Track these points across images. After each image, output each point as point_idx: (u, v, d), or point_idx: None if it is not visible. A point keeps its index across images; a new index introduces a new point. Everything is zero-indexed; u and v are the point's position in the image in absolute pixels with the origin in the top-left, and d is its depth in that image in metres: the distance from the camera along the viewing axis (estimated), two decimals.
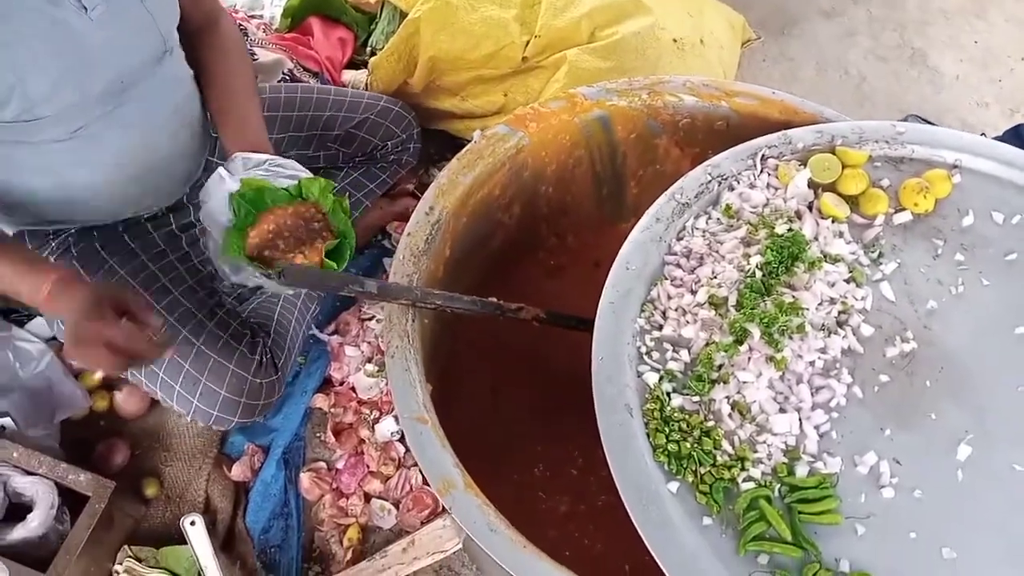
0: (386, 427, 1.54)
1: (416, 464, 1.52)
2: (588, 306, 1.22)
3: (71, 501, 1.35)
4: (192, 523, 1.34)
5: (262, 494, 1.47)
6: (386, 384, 1.57)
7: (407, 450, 1.54)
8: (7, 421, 1.40)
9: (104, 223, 1.40)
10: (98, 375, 1.56)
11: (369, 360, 1.60)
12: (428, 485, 1.51)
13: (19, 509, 1.32)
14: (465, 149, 1.18)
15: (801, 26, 2.40)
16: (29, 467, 1.34)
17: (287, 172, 1.18)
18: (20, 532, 1.29)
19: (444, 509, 1.49)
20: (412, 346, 0.98)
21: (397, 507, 1.51)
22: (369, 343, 1.62)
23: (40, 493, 1.31)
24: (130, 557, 1.37)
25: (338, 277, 0.97)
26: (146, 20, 1.21)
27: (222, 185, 1.15)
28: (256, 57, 1.82)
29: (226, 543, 1.43)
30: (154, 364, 1.35)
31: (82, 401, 1.52)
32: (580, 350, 1.29)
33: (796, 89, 1.26)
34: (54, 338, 1.55)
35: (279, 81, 1.81)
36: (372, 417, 1.56)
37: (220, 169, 1.17)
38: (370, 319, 1.66)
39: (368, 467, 1.53)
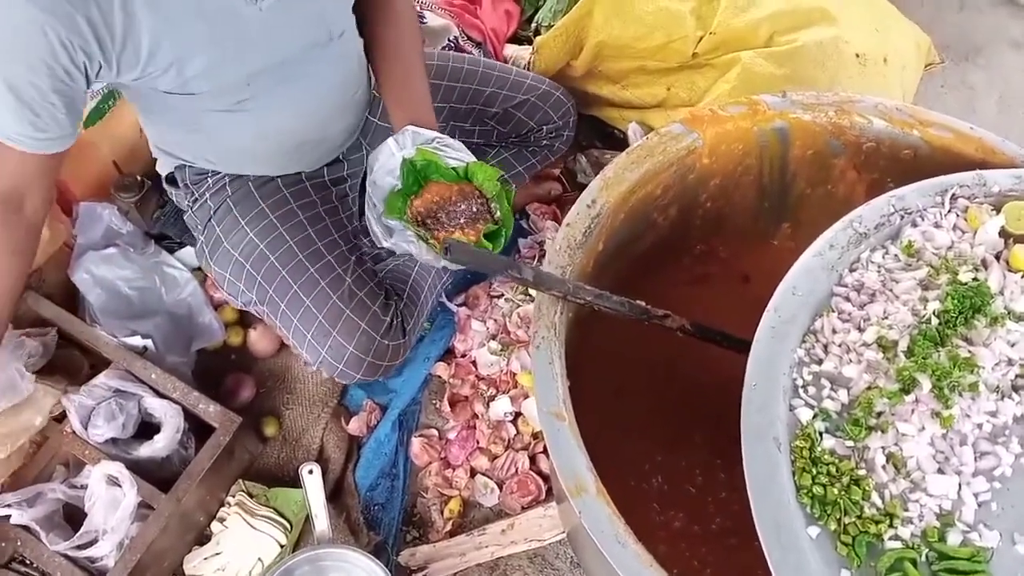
0: (500, 407, 1.54)
1: (524, 448, 1.52)
2: (730, 320, 1.18)
3: (196, 428, 1.41)
4: (310, 471, 1.37)
5: (374, 451, 1.49)
6: (506, 364, 1.56)
7: (517, 432, 1.54)
8: (149, 343, 1.47)
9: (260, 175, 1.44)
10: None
11: (493, 337, 1.60)
12: (535, 471, 1.50)
13: (148, 428, 1.39)
14: (635, 144, 1.15)
15: (987, 55, 2.25)
16: (164, 390, 1.40)
17: (453, 153, 1.19)
18: (146, 450, 1.35)
19: (547, 498, 1.49)
20: (558, 339, 0.97)
21: (500, 487, 1.51)
22: (495, 320, 1.61)
23: (169, 416, 1.37)
24: (243, 491, 1.42)
25: (499, 260, 0.96)
26: (315, 13, 1.20)
27: (390, 156, 1.17)
28: (425, 20, 1.83)
29: (333, 493, 1.46)
30: (290, 312, 1.38)
31: (218, 333, 1.57)
32: (717, 366, 1.25)
33: (974, 121, 1.17)
34: (199, 268, 1.61)
35: (443, 48, 1.81)
36: (488, 394, 1.56)
37: (390, 140, 1.19)
38: (499, 296, 1.65)
39: (478, 443, 1.53)
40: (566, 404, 0.93)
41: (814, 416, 0.91)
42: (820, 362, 0.95)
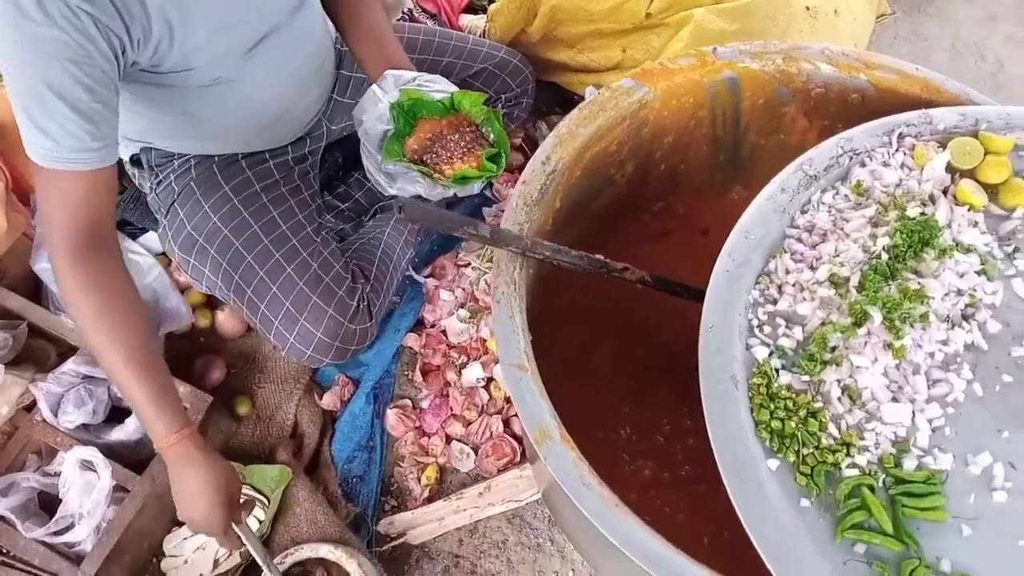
0: (472, 373, 1.55)
1: (498, 412, 1.54)
2: (692, 274, 1.20)
3: None
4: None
5: (350, 424, 1.50)
6: (476, 331, 1.58)
7: (490, 398, 1.55)
8: None
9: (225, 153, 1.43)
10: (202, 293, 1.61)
11: (462, 306, 1.61)
12: (509, 434, 1.52)
13: (119, 413, 1.39)
14: (588, 100, 1.16)
15: (938, 5, 2.27)
16: None
17: (437, 86, 1.20)
18: (118, 434, 1.35)
19: (522, 460, 1.50)
20: (518, 294, 0.98)
21: (476, 452, 1.52)
22: (464, 289, 1.62)
23: None
24: None
25: (455, 218, 0.97)
26: None
27: (376, 102, 1.18)
28: None
29: (310, 467, 1.47)
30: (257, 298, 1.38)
31: (186, 317, 1.57)
32: (679, 318, 1.27)
33: None
34: (163, 253, 1.60)
35: (398, 20, 1.80)
36: (460, 362, 1.57)
37: (373, 87, 1.20)
38: (466, 265, 1.66)
39: (452, 410, 1.55)
40: (528, 355, 0.94)
41: (770, 354, 0.93)
42: (775, 302, 0.97)
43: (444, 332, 1.60)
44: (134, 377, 1.05)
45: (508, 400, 1.55)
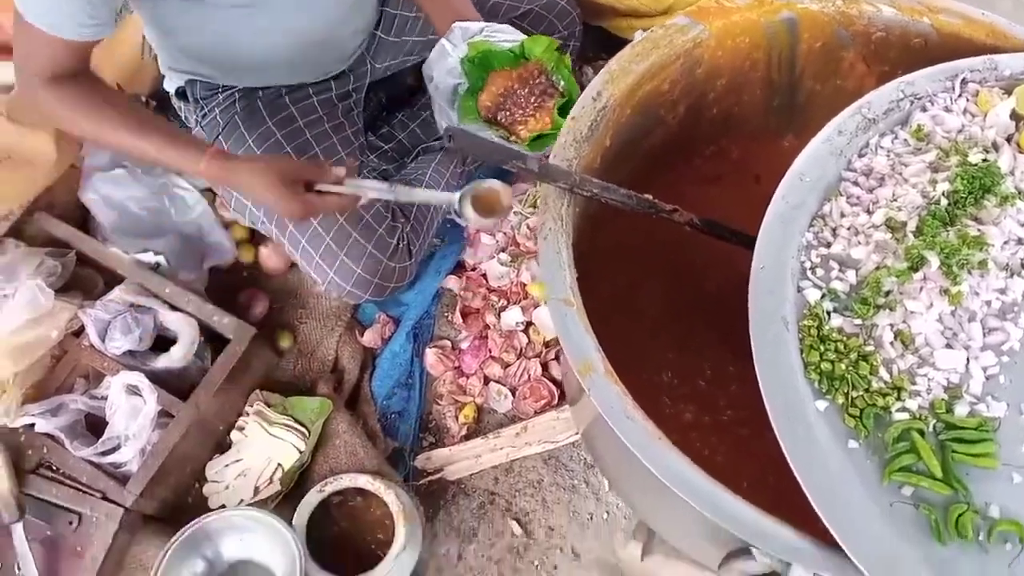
0: (512, 317, 1.55)
1: (536, 356, 1.54)
2: (742, 220, 1.18)
3: (212, 341, 1.43)
4: None
5: (390, 362, 1.52)
6: (516, 275, 1.57)
7: (528, 341, 1.56)
8: (161, 260, 1.48)
9: (269, 86, 1.43)
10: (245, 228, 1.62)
11: (503, 250, 1.60)
12: (547, 377, 1.52)
13: (165, 341, 1.41)
14: (642, 37, 1.13)
15: None
16: (178, 304, 1.41)
17: (505, 35, 1.20)
18: (164, 361, 1.37)
19: (559, 403, 1.51)
20: (564, 230, 0.97)
21: (514, 394, 1.53)
22: (505, 233, 1.62)
23: (184, 328, 1.39)
24: (260, 401, 1.45)
25: (503, 149, 0.96)
26: None
27: (446, 57, 1.17)
28: None
29: (350, 402, 1.49)
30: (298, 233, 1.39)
31: (229, 251, 1.58)
32: (726, 263, 1.26)
33: None
34: (208, 188, 1.62)
35: None
36: (499, 305, 1.57)
37: (442, 41, 1.19)
38: None
39: (491, 352, 1.55)
40: (573, 290, 0.93)
41: (822, 296, 0.92)
42: (828, 245, 0.95)
43: (484, 275, 1.60)
44: (143, 134, 1.13)
45: (547, 344, 1.56)
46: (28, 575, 1.26)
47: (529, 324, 1.56)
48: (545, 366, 1.54)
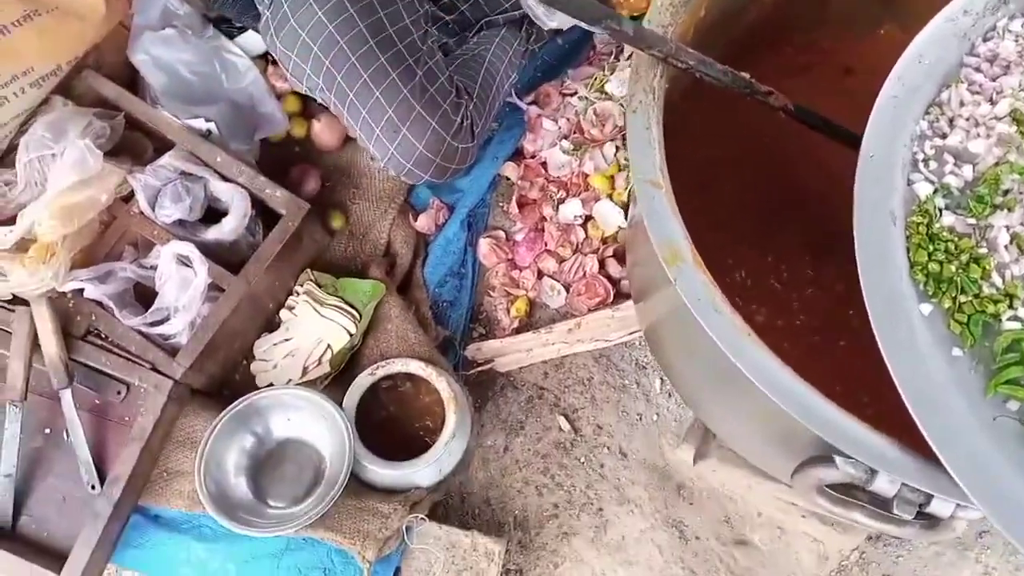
0: (570, 210, 1.49)
1: (593, 252, 1.48)
2: (830, 114, 1.09)
3: (264, 215, 1.38)
4: None
5: (443, 249, 1.47)
6: (578, 165, 1.50)
7: (586, 236, 1.49)
8: (212, 127, 1.42)
9: None
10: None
11: (565, 137, 1.52)
12: (603, 275, 1.46)
13: (215, 212, 1.37)
14: None
15: None
16: (229, 174, 1.36)
17: None
18: (214, 233, 1.33)
19: (615, 301, 1.46)
20: (656, 104, 0.89)
21: (567, 290, 1.48)
22: (568, 119, 1.54)
23: (236, 200, 1.34)
24: (311, 280, 1.41)
25: (597, 8, 0.87)
26: None
27: None
28: None
29: (403, 287, 1.45)
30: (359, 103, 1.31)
31: (281, 123, 1.52)
32: (812, 160, 1.17)
33: None
34: (260, 56, 1.54)
35: None
36: (558, 197, 1.50)
37: None
38: (572, 94, 1.56)
39: (546, 245, 1.49)
40: (663, 172, 0.86)
41: (934, 191, 0.84)
42: (944, 136, 0.87)
43: (544, 164, 1.53)
44: None
45: (605, 240, 1.49)
46: (77, 442, 1.26)
47: (588, 218, 1.49)
48: (602, 263, 1.48)
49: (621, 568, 1.36)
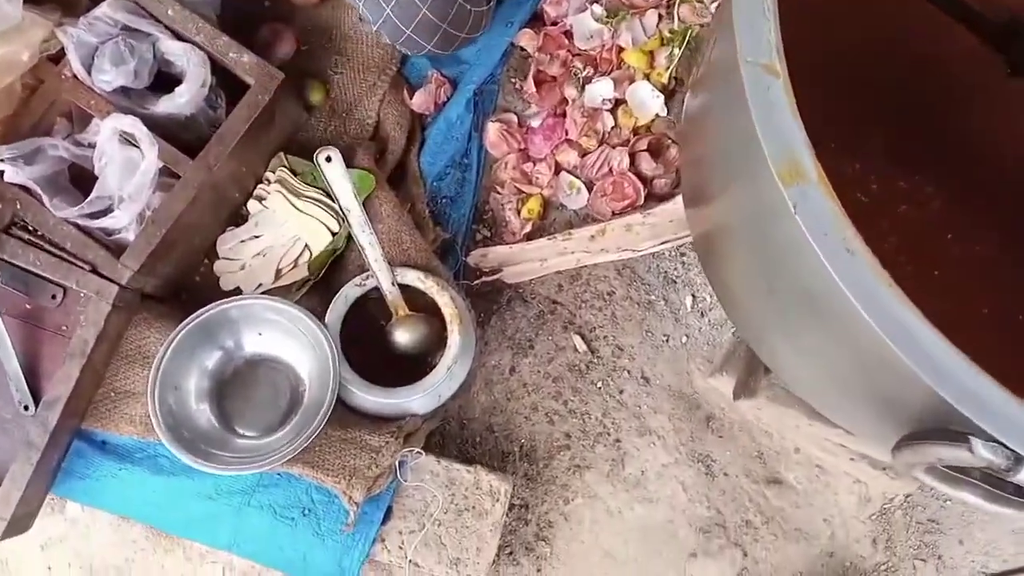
0: (599, 91, 1.25)
1: (623, 144, 1.25)
2: None
3: (227, 86, 1.13)
4: (328, 158, 1.11)
5: (444, 134, 1.23)
6: (612, 36, 1.24)
7: (615, 125, 1.26)
8: None
9: None
10: None
11: (597, 1, 1.26)
12: (633, 172, 1.24)
13: (166, 80, 1.10)
14: None
15: None
16: (183, 32, 1.09)
17: None
18: (166, 105, 1.07)
19: (645, 204, 1.25)
20: None
21: (589, 189, 1.26)
22: None
23: (192, 64, 1.07)
24: (284, 167, 1.18)
25: None
26: None
27: None
28: None
29: (395, 178, 1.21)
30: None
31: None
32: (936, 51, 0.95)
33: None
34: None
35: None
36: (584, 74, 1.26)
37: None
38: None
39: (567, 133, 1.26)
40: (780, 54, 0.64)
41: None
42: None
43: (568, 33, 1.27)
44: None
45: (636, 131, 1.27)
46: (4, 354, 1.05)
47: (619, 103, 1.26)
48: (633, 158, 1.25)
49: (639, 506, 1.21)
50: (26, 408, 1.06)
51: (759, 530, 1.20)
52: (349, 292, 1.09)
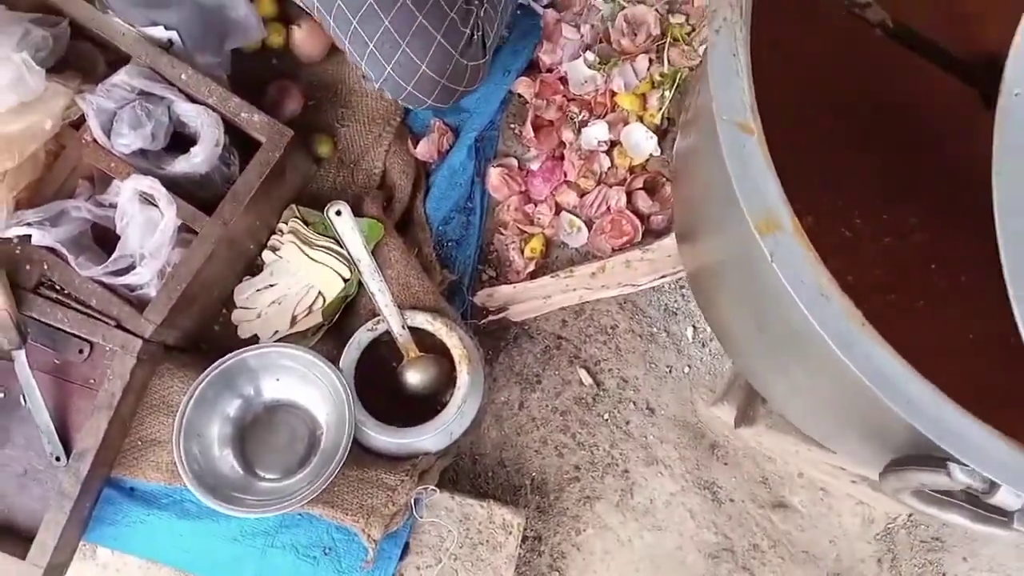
0: (594, 134, 1.30)
1: (619, 183, 1.31)
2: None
3: (238, 144, 1.18)
4: (338, 212, 1.16)
5: (448, 181, 1.28)
6: (605, 81, 1.30)
7: (611, 165, 1.31)
8: (174, 36, 1.20)
9: None
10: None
11: (589, 47, 1.32)
12: (631, 210, 1.29)
13: (181, 140, 1.16)
14: None
15: None
16: (197, 94, 1.15)
17: None
18: (182, 165, 1.13)
19: (643, 240, 1.29)
20: (744, 22, 0.70)
21: (589, 227, 1.31)
22: (593, 26, 1.32)
23: (206, 125, 1.13)
24: (296, 218, 1.23)
25: None
26: None
27: None
28: None
29: (402, 225, 1.26)
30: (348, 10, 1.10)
31: (256, 30, 1.29)
32: (906, 87, 0.99)
33: None
34: None
35: None
36: (580, 118, 1.31)
37: None
38: None
39: (565, 175, 1.31)
40: (754, 111, 0.68)
41: None
42: None
43: (563, 80, 1.32)
44: None
45: (632, 170, 1.31)
46: (35, 408, 1.10)
47: (614, 144, 1.31)
48: (630, 196, 1.30)
49: (649, 534, 1.24)
50: (58, 459, 1.11)
51: (766, 554, 1.23)
52: (362, 337, 1.14)
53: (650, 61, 1.30)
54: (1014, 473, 0.64)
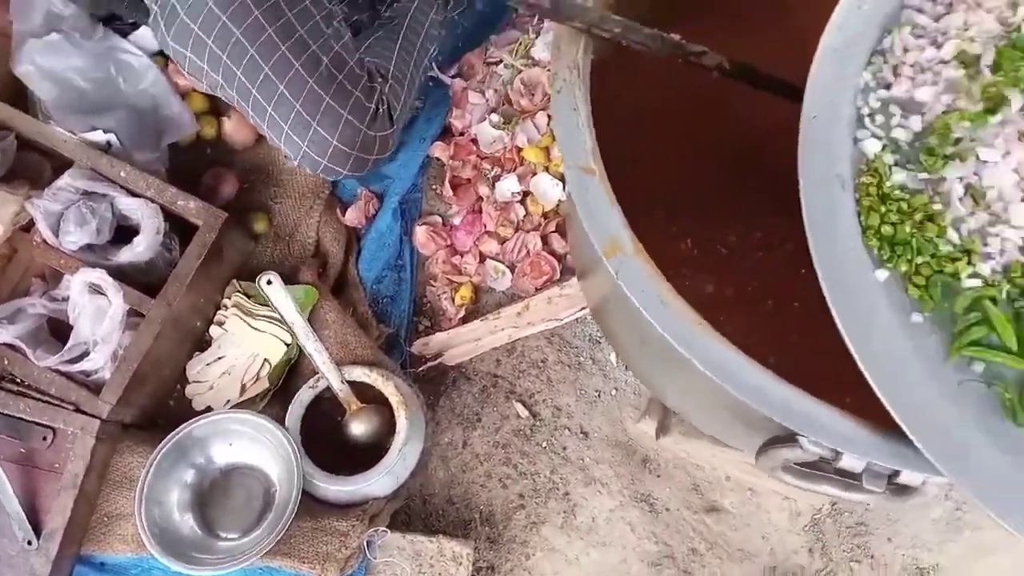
0: (507, 186, 1.41)
1: (535, 229, 1.42)
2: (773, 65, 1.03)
3: (179, 229, 1.29)
4: (268, 281, 1.26)
5: (376, 243, 1.39)
6: (510, 139, 1.42)
7: (526, 213, 1.42)
8: (112, 138, 1.31)
9: None
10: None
11: (494, 110, 1.44)
12: (547, 251, 1.40)
13: (125, 232, 1.27)
14: None
15: None
16: (136, 189, 1.26)
17: None
18: (127, 255, 1.23)
19: (561, 278, 1.40)
20: (581, 81, 0.82)
21: (512, 271, 1.42)
22: (496, 90, 1.45)
23: (146, 216, 1.24)
24: (239, 292, 1.33)
25: None
26: None
27: None
28: None
29: (337, 288, 1.37)
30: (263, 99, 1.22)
31: (189, 125, 1.41)
32: (754, 116, 1.11)
33: None
34: (159, 52, 1.42)
35: None
36: (493, 174, 1.43)
37: None
38: (497, 63, 1.48)
39: (485, 226, 1.42)
40: (595, 156, 0.80)
41: (882, 148, 0.79)
42: (889, 86, 0.81)
43: (475, 141, 1.45)
44: None
45: (546, 215, 1.43)
46: (5, 497, 1.18)
47: (526, 194, 1.42)
48: (545, 239, 1.42)
49: (594, 550, 1.32)
50: (29, 543, 1.18)
51: (704, 556, 1.31)
52: (304, 395, 1.23)
53: (548, 117, 1.42)
54: (845, 439, 0.74)
